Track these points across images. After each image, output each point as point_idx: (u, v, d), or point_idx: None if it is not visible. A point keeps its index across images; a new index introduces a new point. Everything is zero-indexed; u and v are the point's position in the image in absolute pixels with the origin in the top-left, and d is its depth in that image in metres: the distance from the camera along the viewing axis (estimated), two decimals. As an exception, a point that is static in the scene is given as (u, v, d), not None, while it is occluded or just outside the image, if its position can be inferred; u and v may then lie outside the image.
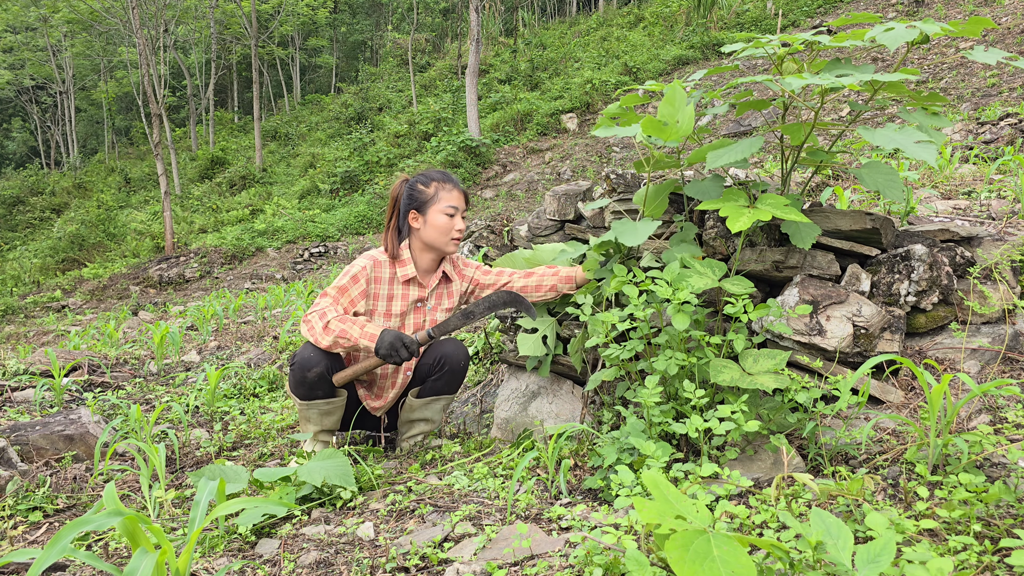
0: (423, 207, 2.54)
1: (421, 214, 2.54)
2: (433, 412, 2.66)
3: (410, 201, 2.57)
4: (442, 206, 2.53)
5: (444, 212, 2.52)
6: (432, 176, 2.59)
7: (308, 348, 2.43)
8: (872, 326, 2.01)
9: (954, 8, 13.29)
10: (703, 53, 16.73)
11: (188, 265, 14.84)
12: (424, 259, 2.60)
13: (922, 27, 1.81)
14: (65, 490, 2.43)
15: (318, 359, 2.40)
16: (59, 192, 25.27)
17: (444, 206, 2.53)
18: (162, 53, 25.54)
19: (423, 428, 2.66)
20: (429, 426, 2.68)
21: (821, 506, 1.55)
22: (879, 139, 1.80)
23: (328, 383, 2.45)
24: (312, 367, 2.40)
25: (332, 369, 2.45)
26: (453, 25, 28.61)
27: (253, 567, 1.66)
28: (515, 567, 1.50)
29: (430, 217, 2.53)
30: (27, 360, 4.47)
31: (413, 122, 19.09)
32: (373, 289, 2.52)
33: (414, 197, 2.56)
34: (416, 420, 2.66)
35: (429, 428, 2.68)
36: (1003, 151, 5.55)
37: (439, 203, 2.53)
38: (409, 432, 2.66)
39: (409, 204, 2.57)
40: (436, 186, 2.56)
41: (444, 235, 2.53)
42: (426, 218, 2.53)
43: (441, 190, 2.55)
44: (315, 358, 2.40)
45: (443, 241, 2.54)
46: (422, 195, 2.55)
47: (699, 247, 2.42)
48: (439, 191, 2.55)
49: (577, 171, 13.59)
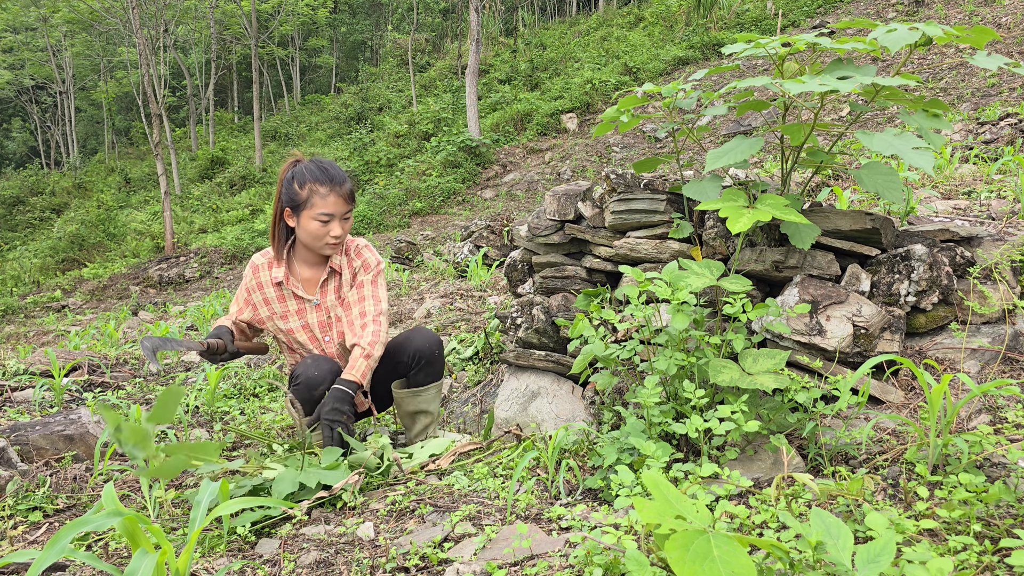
0: (296, 209, 2.35)
1: (295, 214, 2.36)
2: (426, 401, 2.59)
3: (287, 198, 2.36)
4: (314, 212, 2.32)
5: (316, 219, 2.32)
6: (308, 175, 2.33)
7: (309, 365, 2.38)
8: (872, 326, 2.01)
9: (954, 8, 13.29)
10: (703, 53, 16.73)
11: (188, 265, 14.84)
12: (309, 256, 2.46)
13: (924, 29, 1.81)
14: (65, 490, 2.43)
15: (322, 376, 2.37)
16: (59, 192, 25.26)
17: (316, 213, 2.31)
18: (162, 53, 25.56)
19: (425, 421, 2.61)
20: (429, 418, 2.62)
21: (821, 506, 1.55)
22: (877, 144, 1.80)
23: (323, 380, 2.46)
24: (318, 385, 2.36)
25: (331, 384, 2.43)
26: (453, 25, 28.61)
27: (253, 567, 1.66)
28: (515, 567, 1.50)
29: (303, 222, 2.34)
30: (27, 360, 4.47)
31: (413, 122, 19.09)
32: (259, 296, 2.47)
33: (290, 195, 2.35)
34: (415, 413, 2.60)
35: (430, 420, 2.62)
36: (1003, 151, 5.55)
37: (311, 209, 2.32)
38: (414, 428, 2.62)
39: (286, 201, 2.37)
40: (310, 188, 2.32)
41: (318, 240, 2.37)
42: (299, 221, 2.36)
43: (315, 194, 2.31)
44: (319, 376, 2.37)
45: (318, 246, 2.39)
46: (296, 196, 2.33)
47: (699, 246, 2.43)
48: (312, 195, 2.31)
49: (577, 171, 13.59)
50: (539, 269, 2.96)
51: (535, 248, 2.99)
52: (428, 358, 2.55)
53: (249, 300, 2.49)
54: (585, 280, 2.83)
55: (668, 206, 2.49)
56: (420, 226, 14.34)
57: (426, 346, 2.54)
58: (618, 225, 2.60)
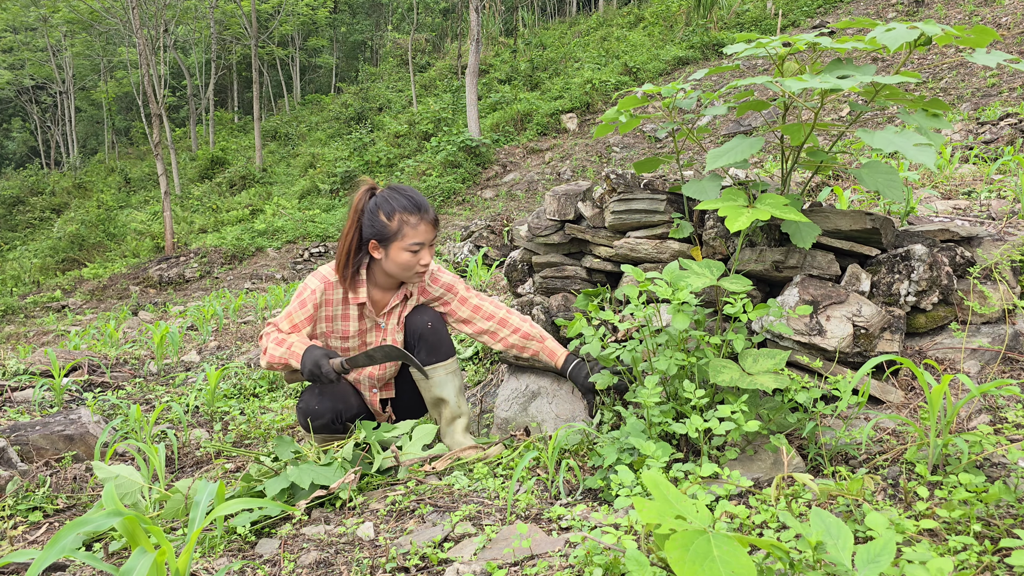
0: (384, 241, 2.29)
1: (382, 247, 2.31)
2: (439, 386, 2.48)
3: (371, 229, 2.31)
4: (405, 243, 2.27)
5: (408, 250, 2.28)
6: (397, 205, 2.28)
7: (311, 397, 2.39)
8: (872, 326, 2.01)
9: (954, 8, 13.29)
10: (703, 53, 16.73)
11: (188, 265, 14.84)
12: (386, 281, 2.43)
13: (924, 28, 1.81)
14: (65, 490, 2.43)
15: (322, 410, 2.37)
16: (59, 192, 25.27)
17: (408, 243, 2.27)
18: (162, 53, 25.56)
19: (447, 413, 2.50)
20: (450, 410, 2.49)
21: (821, 506, 1.55)
22: (878, 142, 1.80)
23: (336, 427, 2.42)
24: (317, 418, 2.38)
25: (340, 415, 2.41)
26: (453, 25, 28.61)
27: (253, 567, 1.66)
28: (515, 567, 1.50)
29: (392, 253, 2.29)
30: (27, 360, 4.47)
31: (413, 122, 19.10)
32: (324, 312, 2.39)
33: (375, 227, 2.30)
34: (435, 401, 2.51)
35: (454, 414, 2.49)
36: (1003, 151, 5.55)
37: (402, 240, 2.27)
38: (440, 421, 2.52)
39: (371, 233, 2.31)
40: (400, 220, 2.26)
41: (407, 271, 2.32)
42: (388, 252, 2.30)
43: (405, 225, 2.26)
44: (320, 409, 2.37)
45: (406, 276, 2.35)
46: (385, 229, 2.28)
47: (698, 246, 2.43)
48: (403, 227, 2.26)
49: (577, 171, 13.59)
50: (539, 269, 2.96)
51: (535, 248, 2.99)
52: (421, 331, 2.46)
53: (312, 317, 2.36)
54: (585, 280, 2.83)
55: (668, 206, 2.49)
56: (420, 226, 14.31)
57: (418, 319, 2.47)
58: (618, 225, 2.60)
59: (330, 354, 2.24)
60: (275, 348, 2.28)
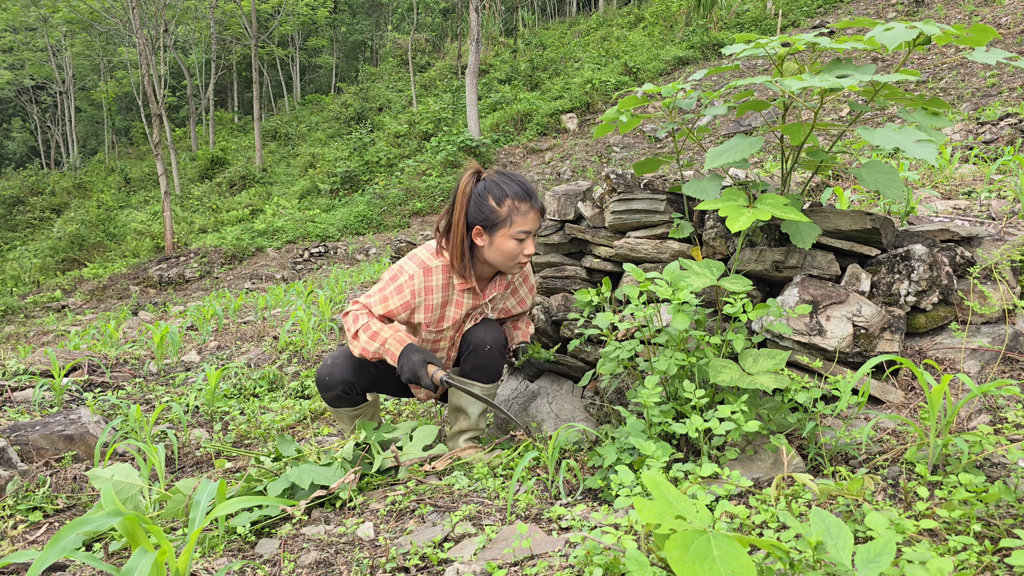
0: (491, 228, 2.19)
1: (488, 234, 2.21)
2: (467, 401, 2.43)
3: (477, 214, 2.20)
4: (513, 231, 2.18)
5: (515, 237, 2.19)
6: (507, 191, 2.18)
7: (327, 366, 2.37)
8: (872, 326, 2.01)
9: (954, 8, 13.29)
10: (703, 53, 16.74)
11: (188, 265, 14.84)
12: (484, 270, 2.35)
13: (922, 28, 1.81)
14: (65, 490, 2.43)
15: (334, 381, 2.36)
16: (59, 192, 25.27)
17: (516, 231, 2.18)
18: (162, 53, 25.56)
19: (461, 424, 2.46)
20: (466, 421, 2.45)
21: (821, 506, 1.55)
22: (879, 139, 1.80)
23: (348, 398, 2.41)
24: (329, 389, 2.38)
25: (352, 388, 2.40)
26: (453, 25, 28.61)
27: (253, 567, 1.66)
28: (515, 567, 1.50)
29: (497, 241, 2.20)
30: (27, 360, 4.47)
31: (413, 122, 19.10)
32: (421, 300, 2.27)
33: (483, 212, 2.19)
34: (456, 409, 2.48)
35: (467, 425, 2.46)
36: (1003, 151, 5.55)
37: (511, 227, 2.18)
38: (454, 425, 2.49)
39: (476, 218, 2.21)
40: (510, 206, 2.17)
41: (510, 260, 2.23)
42: (492, 240, 2.21)
43: (515, 212, 2.17)
44: (331, 380, 2.36)
45: (508, 266, 2.27)
46: (493, 215, 2.18)
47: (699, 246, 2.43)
48: (513, 213, 2.17)
49: (577, 171, 13.59)
50: (539, 269, 2.96)
51: (535, 248, 2.99)
52: (477, 348, 2.38)
53: (409, 304, 2.26)
54: (585, 280, 2.83)
55: (668, 206, 2.49)
56: (420, 226, 14.34)
57: (480, 336, 2.38)
58: (618, 225, 2.60)
59: (428, 357, 2.16)
60: (368, 342, 2.22)
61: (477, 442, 2.50)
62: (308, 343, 4.71)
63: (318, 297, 6.76)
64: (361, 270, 10.52)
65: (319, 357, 4.48)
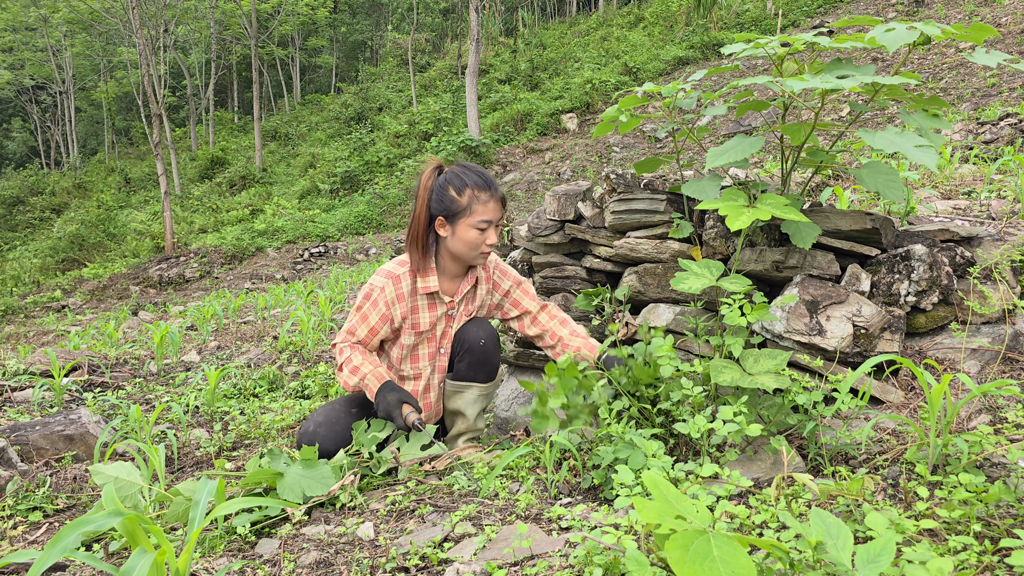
0: (452, 218, 2.24)
1: (449, 224, 2.25)
2: (465, 404, 2.44)
3: (439, 206, 2.26)
4: (474, 220, 2.22)
5: (475, 227, 2.23)
6: (467, 180, 2.24)
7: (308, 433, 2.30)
8: (872, 326, 2.01)
9: (954, 8, 13.29)
10: (703, 53, 16.74)
11: (188, 265, 14.84)
12: (452, 266, 2.36)
13: (923, 28, 1.81)
14: (65, 490, 2.43)
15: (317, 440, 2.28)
16: (59, 192, 25.28)
17: (476, 220, 2.22)
18: (162, 53, 25.56)
19: (460, 427, 2.48)
20: (464, 423, 2.46)
21: (821, 506, 1.55)
22: (879, 142, 1.80)
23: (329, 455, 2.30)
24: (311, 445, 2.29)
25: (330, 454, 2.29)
26: (453, 25, 28.62)
27: (253, 567, 1.66)
28: (515, 567, 1.50)
29: (459, 230, 2.24)
30: (27, 360, 4.47)
31: (413, 122, 19.10)
32: (397, 309, 2.31)
33: (443, 203, 2.25)
34: (454, 413, 2.48)
35: (465, 426, 2.47)
36: (1003, 151, 5.55)
37: (471, 216, 2.22)
38: (452, 428, 2.50)
39: (438, 209, 2.26)
40: (470, 195, 2.22)
41: (473, 250, 2.27)
42: (454, 230, 2.25)
43: (475, 201, 2.22)
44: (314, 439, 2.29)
45: (471, 256, 2.29)
46: (453, 204, 2.23)
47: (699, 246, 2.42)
48: (473, 203, 2.22)
49: (577, 171, 13.60)
50: (539, 269, 2.96)
51: (535, 248, 2.99)
52: (471, 345, 2.38)
53: (387, 316, 2.30)
54: (585, 280, 2.83)
55: (668, 206, 2.49)
56: (420, 226, 14.31)
57: (473, 332, 2.39)
58: (618, 225, 2.60)
59: (404, 397, 2.22)
60: (349, 376, 2.30)
61: (476, 442, 2.50)
62: (308, 343, 4.71)
63: (318, 297, 6.76)
64: (361, 270, 10.52)
65: (319, 357, 4.48)
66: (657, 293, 2.50)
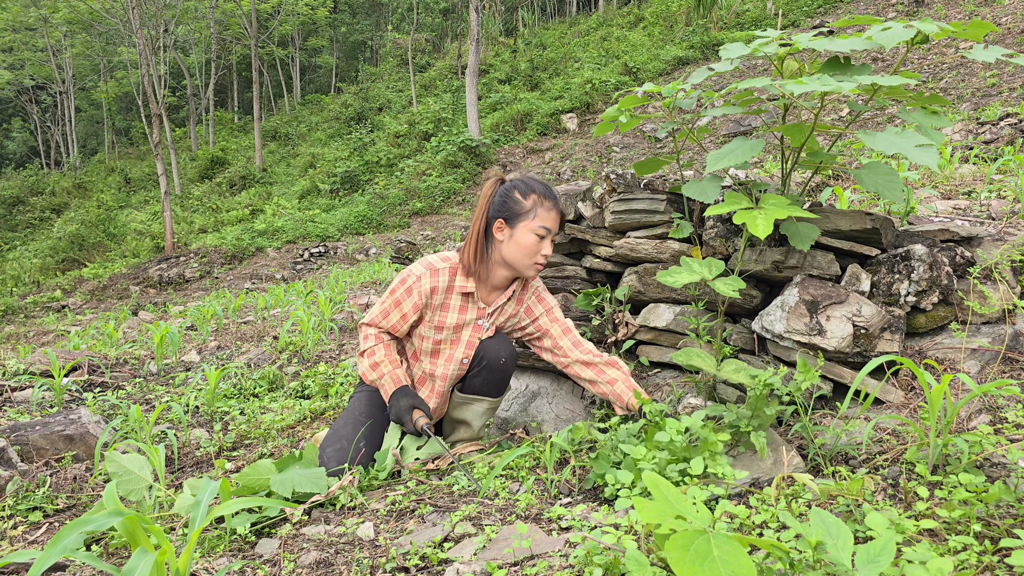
0: (513, 220, 2.24)
1: (509, 226, 2.25)
2: (472, 415, 2.44)
3: (501, 208, 2.26)
4: (535, 225, 2.22)
5: (535, 232, 2.22)
6: (533, 187, 2.26)
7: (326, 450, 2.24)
8: (872, 326, 2.01)
9: (954, 8, 13.30)
10: (703, 53, 16.74)
11: (188, 265, 14.84)
12: (497, 276, 2.33)
13: (920, 26, 1.81)
14: (65, 490, 2.43)
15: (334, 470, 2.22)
16: (59, 192, 25.28)
17: (537, 225, 2.22)
18: (162, 53, 25.56)
19: (462, 434, 2.47)
20: (468, 432, 2.46)
21: (821, 506, 1.55)
22: (880, 143, 1.80)
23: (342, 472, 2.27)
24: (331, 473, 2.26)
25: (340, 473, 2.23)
26: (453, 25, 28.61)
27: (253, 567, 1.66)
28: (515, 567, 1.50)
29: (518, 233, 2.23)
30: (27, 360, 4.47)
31: (413, 122, 19.11)
32: (428, 300, 2.30)
33: (507, 205, 2.26)
34: (457, 421, 2.48)
35: (468, 435, 2.47)
36: (1003, 151, 5.55)
37: (532, 220, 2.22)
38: (452, 435, 2.50)
39: (499, 212, 2.26)
40: (535, 200, 2.24)
41: (528, 257, 2.24)
42: (513, 232, 2.24)
43: (539, 206, 2.23)
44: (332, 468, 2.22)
45: (525, 264, 2.26)
46: (516, 206, 2.24)
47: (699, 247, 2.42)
48: (537, 207, 2.23)
49: (577, 171, 13.60)
50: (539, 269, 2.96)
51: (535, 248, 2.99)
52: (491, 363, 2.37)
53: (419, 307, 2.29)
54: (585, 280, 2.83)
55: (668, 206, 2.49)
56: (420, 226, 14.35)
57: (495, 350, 2.38)
58: (618, 225, 2.60)
59: (416, 403, 2.24)
60: (368, 370, 2.33)
61: (476, 442, 2.50)
62: (308, 343, 4.71)
63: (318, 297, 6.76)
64: (361, 270, 10.52)
65: (319, 357, 4.48)
66: (657, 293, 2.50)
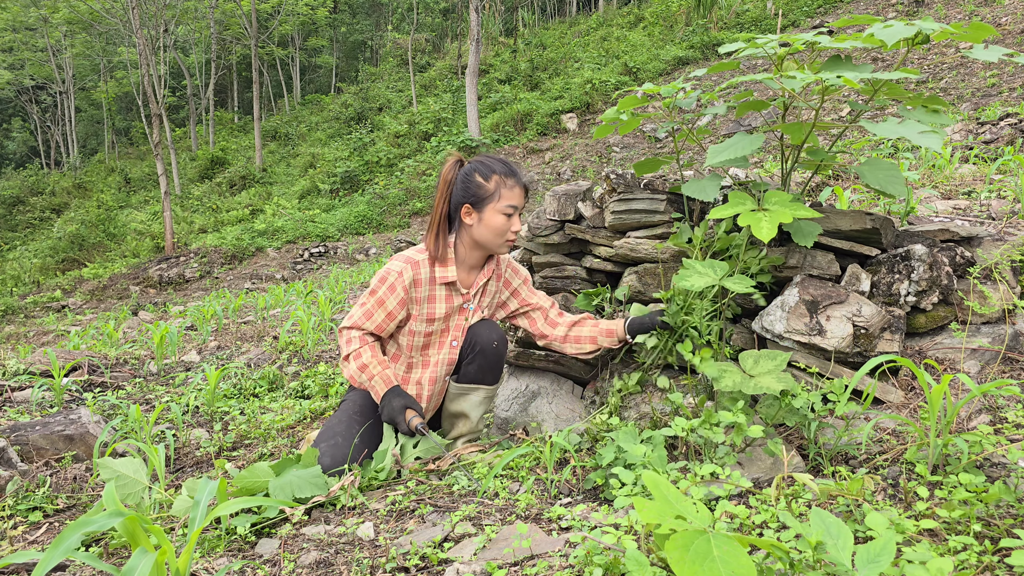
0: (479, 203, 2.25)
1: (476, 211, 2.26)
2: (469, 406, 2.42)
3: (465, 193, 2.27)
4: (501, 205, 2.24)
5: (503, 212, 2.24)
6: (493, 167, 2.27)
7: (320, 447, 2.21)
8: (872, 326, 2.01)
9: (954, 8, 13.29)
10: (703, 53, 16.73)
11: (188, 265, 14.84)
12: (472, 256, 2.35)
13: (921, 26, 1.81)
14: (65, 490, 2.43)
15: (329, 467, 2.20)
16: (59, 192, 25.27)
17: (503, 205, 2.24)
18: (162, 53, 25.55)
19: (461, 428, 2.46)
20: (467, 425, 2.45)
21: (821, 506, 1.55)
22: (883, 130, 1.79)
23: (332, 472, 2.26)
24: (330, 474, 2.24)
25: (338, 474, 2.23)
26: (453, 25, 28.61)
27: (253, 567, 1.66)
28: (515, 567, 1.50)
29: (486, 216, 2.25)
30: (27, 360, 4.47)
31: (413, 122, 19.10)
32: (413, 294, 2.29)
33: (470, 190, 2.26)
34: (455, 415, 2.46)
35: (467, 428, 2.46)
36: (1003, 151, 5.55)
37: (499, 201, 2.24)
38: (452, 430, 2.48)
39: (463, 197, 2.27)
40: (497, 181, 2.25)
41: (499, 236, 2.27)
42: (481, 216, 2.25)
43: (502, 186, 2.25)
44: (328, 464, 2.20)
45: (497, 243, 2.29)
46: (480, 190, 2.25)
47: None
48: (500, 187, 2.24)
49: (577, 171, 13.59)
50: (539, 269, 2.96)
51: (535, 248, 2.99)
52: (484, 347, 2.36)
53: (405, 300, 2.27)
54: (585, 280, 2.83)
55: (668, 206, 2.49)
56: (420, 226, 14.34)
57: (486, 334, 2.37)
58: (618, 225, 2.60)
59: (409, 403, 2.22)
60: (356, 373, 2.28)
61: (476, 442, 2.50)
62: (308, 343, 4.71)
63: (318, 297, 6.76)
64: (361, 270, 10.52)
65: (319, 357, 4.48)
66: (657, 293, 2.50)
